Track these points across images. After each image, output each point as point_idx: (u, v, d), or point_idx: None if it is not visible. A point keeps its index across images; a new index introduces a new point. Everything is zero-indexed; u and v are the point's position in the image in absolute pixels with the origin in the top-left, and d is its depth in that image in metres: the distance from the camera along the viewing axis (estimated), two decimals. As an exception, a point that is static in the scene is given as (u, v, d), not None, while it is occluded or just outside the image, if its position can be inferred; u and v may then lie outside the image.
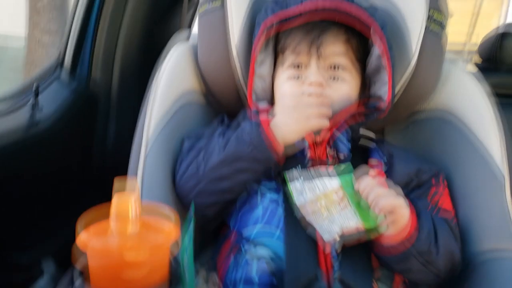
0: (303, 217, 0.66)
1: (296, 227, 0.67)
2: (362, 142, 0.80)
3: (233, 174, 0.70)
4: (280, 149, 0.70)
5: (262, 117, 0.69)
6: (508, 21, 5.85)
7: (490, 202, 0.74)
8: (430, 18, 0.81)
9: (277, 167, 0.73)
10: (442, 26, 0.82)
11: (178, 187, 0.74)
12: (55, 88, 1.10)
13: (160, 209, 0.46)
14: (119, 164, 0.80)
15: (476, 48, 1.52)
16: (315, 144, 0.76)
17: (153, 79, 0.85)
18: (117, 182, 0.43)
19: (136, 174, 0.75)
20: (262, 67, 0.81)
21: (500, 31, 1.36)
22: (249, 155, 0.68)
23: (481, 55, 1.47)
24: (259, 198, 0.73)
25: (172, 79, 0.84)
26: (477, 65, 1.44)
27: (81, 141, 1.14)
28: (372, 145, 0.80)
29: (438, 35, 0.82)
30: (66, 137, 1.07)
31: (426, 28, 0.80)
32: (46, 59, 2.79)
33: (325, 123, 0.71)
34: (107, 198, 0.42)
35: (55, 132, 1.03)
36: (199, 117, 0.87)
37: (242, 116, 0.72)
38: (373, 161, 0.78)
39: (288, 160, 0.74)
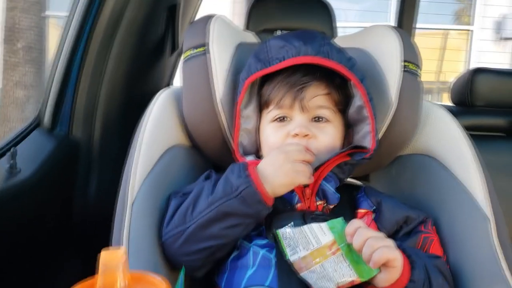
0: (297, 273, 0.65)
1: (290, 285, 0.65)
2: (350, 191, 0.81)
3: (223, 231, 0.68)
4: (271, 201, 0.69)
5: (251, 170, 0.69)
6: (474, 54, 6.21)
7: (479, 246, 0.75)
8: (405, 68, 0.85)
9: (268, 224, 0.72)
10: (417, 74, 0.86)
11: (165, 247, 0.72)
12: (33, 146, 1.08)
13: (150, 277, 0.44)
14: (101, 219, 0.77)
15: (445, 86, 1.60)
16: (304, 196, 0.76)
17: (136, 133, 0.84)
18: (103, 254, 0.41)
19: (120, 234, 0.73)
20: (248, 121, 0.82)
21: (470, 73, 1.44)
22: (240, 209, 0.67)
23: (453, 98, 1.54)
24: (251, 256, 0.71)
25: (156, 132, 0.83)
26: (451, 107, 1.51)
27: (60, 198, 1.10)
28: (360, 193, 0.81)
29: (414, 82, 0.85)
30: (44, 196, 1.03)
31: (403, 77, 0.84)
32: (21, 115, 2.74)
33: (311, 178, 0.72)
34: (87, 253, 0.41)
35: (32, 190, 0.99)
36: (186, 170, 0.87)
37: (230, 170, 0.72)
38: (362, 210, 0.78)
39: (279, 215, 0.73)
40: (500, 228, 0.75)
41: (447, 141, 0.86)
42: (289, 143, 0.74)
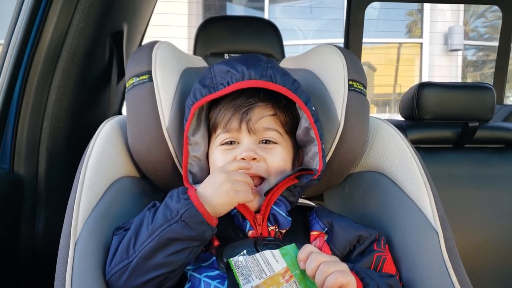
0: None
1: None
2: (303, 213, 0.80)
3: (168, 258, 0.66)
4: (214, 222, 0.67)
5: (190, 193, 0.68)
6: (425, 67, 6.52)
7: (430, 260, 0.75)
8: (350, 87, 0.86)
9: (220, 254, 0.70)
10: (362, 93, 0.87)
11: (110, 285, 0.69)
12: None
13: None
14: (51, 259, 0.72)
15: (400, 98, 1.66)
16: (256, 223, 0.74)
17: (78, 167, 0.80)
18: None
19: (64, 276, 0.68)
20: (196, 148, 0.81)
21: (416, 88, 1.49)
22: (182, 233, 0.65)
23: (401, 112, 1.59)
24: None
25: (100, 165, 0.80)
26: (400, 121, 1.55)
27: (2, 237, 1.02)
28: (312, 215, 0.80)
29: (360, 100, 0.86)
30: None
31: (349, 96, 0.85)
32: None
33: (251, 196, 0.70)
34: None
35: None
36: (135, 203, 0.83)
37: (169, 196, 0.69)
38: (314, 232, 0.78)
39: (231, 243, 0.71)
40: (448, 241, 0.76)
41: (396, 157, 0.87)
42: (230, 163, 0.73)
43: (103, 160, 0.81)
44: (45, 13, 0.97)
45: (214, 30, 1.23)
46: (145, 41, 0.92)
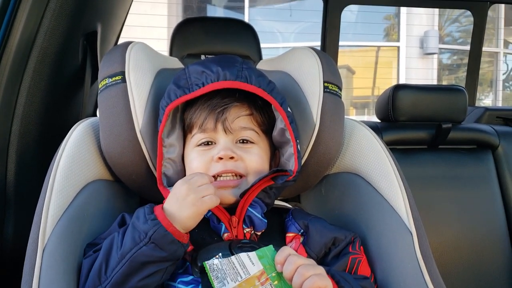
0: None
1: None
2: (279, 214, 0.80)
3: (141, 282, 0.64)
4: (185, 238, 0.66)
5: (157, 212, 0.65)
6: (402, 69, 6.65)
7: (404, 261, 0.76)
8: (325, 89, 0.86)
9: (194, 259, 0.69)
10: (337, 94, 0.88)
11: None
12: None
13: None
14: (21, 265, 0.69)
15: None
16: (231, 225, 0.74)
17: (48, 170, 0.77)
18: None
19: (30, 285, 0.66)
20: (171, 150, 0.80)
21: (391, 90, 1.52)
22: (154, 256, 0.63)
23: (377, 114, 1.61)
24: None
25: (71, 168, 0.78)
26: (376, 123, 1.57)
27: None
28: (288, 217, 0.80)
29: (335, 102, 0.87)
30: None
31: (324, 97, 0.85)
32: None
33: (217, 199, 0.68)
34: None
35: None
36: (108, 207, 0.81)
37: (136, 216, 0.67)
38: (290, 234, 0.77)
39: (207, 247, 0.70)
40: (422, 241, 0.77)
41: (371, 158, 0.88)
42: (191, 174, 0.71)
43: (74, 163, 0.78)
44: (14, 11, 0.94)
45: (190, 31, 1.21)
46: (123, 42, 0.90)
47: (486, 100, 7.79)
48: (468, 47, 2.14)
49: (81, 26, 1.11)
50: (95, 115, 1.28)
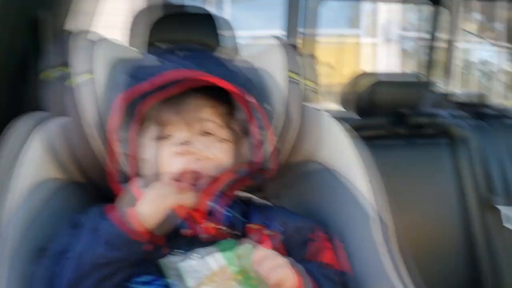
0: None
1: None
2: (241, 207, 0.78)
3: (98, 285, 0.61)
4: (142, 237, 0.63)
5: (111, 210, 0.63)
6: (368, 58, 6.76)
7: (362, 245, 0.76)
8: (289, 78, 0.86)
9: (150, 257, 0.66)
10: (297, 82, 0.87)
11: None
12: None
13: None
14: None
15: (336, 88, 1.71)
16: (193, 220, 0.71)
17: None
18: None
19: None
20: (126, 144, 0.76)
21: (354, 78, 1.54)
22: (106, 256, 0.60)
23: (341, 102, 1.63)
24: None
25: (13, 168, 0.74)
26: (340, 112, 1.59)
27: None
28: (250, 208, 0.79)
29: (296, 90, 0.86)
30: None
31: (288, 87, 0.85)
32: None
33: (182, 198, 0.68)
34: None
35: None
36: (60, 206, 0.77)
37: (89, 217, 0.65)
38: (253, 225, 0.76)
39: (164, 245, 0.68)
40: (384, 224, 0.78)
41: (333, 145, 0.89)
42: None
43: (15, 161, 0.74)
44: None
45: (149, 20, 1.17)
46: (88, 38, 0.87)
47: (444, 86, 8.07)
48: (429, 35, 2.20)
49: (26, 13, 1.04)
50: (39, 109, 1.21)
